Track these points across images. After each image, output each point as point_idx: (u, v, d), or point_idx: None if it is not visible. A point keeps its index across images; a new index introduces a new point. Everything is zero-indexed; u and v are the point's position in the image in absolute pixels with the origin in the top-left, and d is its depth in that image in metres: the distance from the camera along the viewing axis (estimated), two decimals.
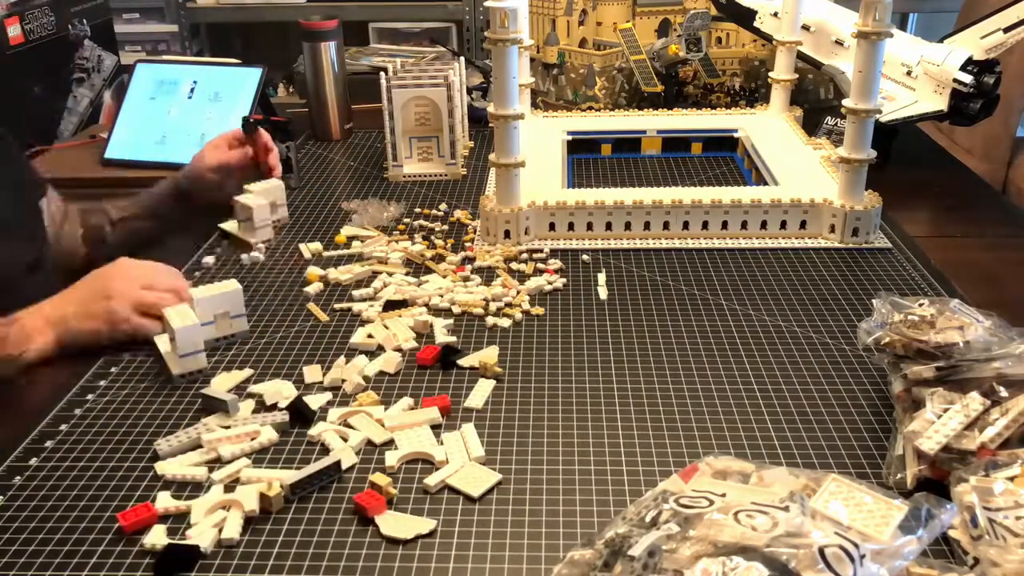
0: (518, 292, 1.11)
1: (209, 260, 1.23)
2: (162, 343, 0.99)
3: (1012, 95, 2.17)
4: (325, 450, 0.84)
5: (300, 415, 0.87)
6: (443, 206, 1.38)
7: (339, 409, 0.89)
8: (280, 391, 0.91)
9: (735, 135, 1.57)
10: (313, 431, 0.85)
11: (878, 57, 1.16)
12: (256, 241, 1.26)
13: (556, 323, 1.05)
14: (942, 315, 0.82)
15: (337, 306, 1.10)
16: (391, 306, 1.07)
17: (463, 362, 0.96)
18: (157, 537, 0.73)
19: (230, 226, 1.30)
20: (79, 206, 1.36)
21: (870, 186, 1.24)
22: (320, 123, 1.71)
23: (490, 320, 1.05)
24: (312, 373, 0.95)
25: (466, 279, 1.15)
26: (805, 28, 1.59)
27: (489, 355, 0.95)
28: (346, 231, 1.29)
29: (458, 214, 1.34)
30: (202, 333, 0.96)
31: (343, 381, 0.93)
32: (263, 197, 1.28)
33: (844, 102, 1.20)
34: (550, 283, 1.13)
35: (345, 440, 0.84)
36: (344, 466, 0.80)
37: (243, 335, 1.03)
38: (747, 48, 1.79)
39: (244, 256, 1.23)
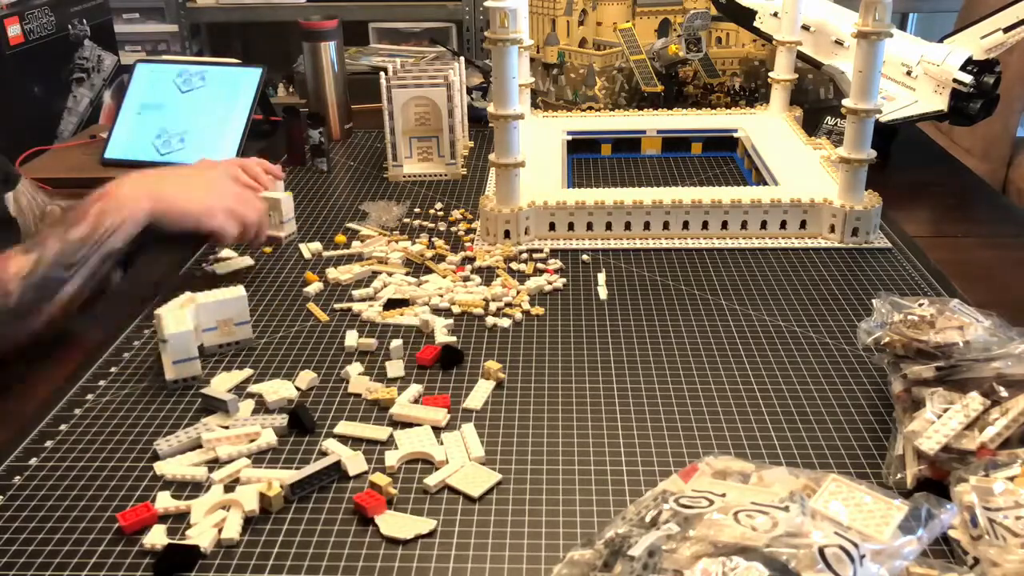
0: (518, 292, 1.11)
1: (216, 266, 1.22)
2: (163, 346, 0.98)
3: (1012, 95, 2.17)
4: (326, 450, 0.84)
5: (299, 423, 0.87)
6: (439, 205, 1.38)
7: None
8: (279, 391, 0.91)
9: (735, 135, 1.57)
10: (324, 444, 0.84)
11: (878, 57, 1.16)
12: (284, 236, 1.26)
13: (556, 323, 1.05)
14: (942, 315, 0.82)
15: (337, 306, 1.10)
16: (391, 305, 1.08)
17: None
18: (157, 537, 0.73)
19: None
20: (59, 204, 1.28)
21: (870, 186, 1.25)
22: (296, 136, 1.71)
23: (490, 320, 1.05)
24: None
25: (466, 279, 1.15)
26: (805, 28, 1.59)
27: (492, 363, 0.95)
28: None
29: (456, 214, 1.34)
30: (195, 340, 0.95)
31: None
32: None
33: (844, 102, 1.20)
34: (550, 283, 1.13)
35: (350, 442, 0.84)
36: (352, 473, 0.80)
37: (247, 343, 1.01)
38: (747, 48, 1.79)
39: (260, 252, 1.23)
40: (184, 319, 0.94)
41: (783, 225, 1.25)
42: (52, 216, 1.28)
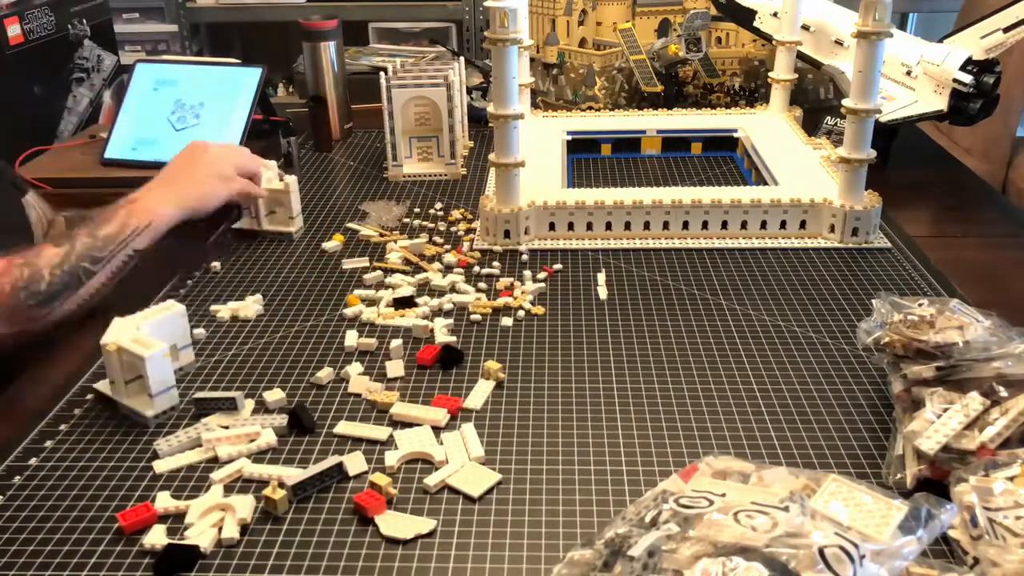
0: (520, 292, 1.11)
1: (216, 265, 1.22)
2: (105, 386, 0.90)
3: (1012, 95, 2.17)
4: (326, 450, 0.84)
5: (299, 423, 0.87)
6: (439, 205, 1.38)
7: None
8: (279, 391, 0.91)
9: (735, 135, 1.57)
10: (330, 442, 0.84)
11: (878, 57, 1.16)
12: (295, 231, 1.25)
13: (556, 323, 1.05)
14: (942, 315, 0.82)
15: (337, 305, 1.10)
16: (392, 305, 1.07)
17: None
18: (157, 537, 0.73)
19: (247, 223, 1.29)
20: (64, 215, 1.32)
21: (870, 186, 1.24)
22: (320, 123, 1.71)
23: (491, 320, 1.05)
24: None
25: (466, 279, 1.15)
26: (805, 28, 1.59)
27: (492, 363, 0.95)
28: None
29: (456, 214, 1.34)
30: (170, 365, 0.87)
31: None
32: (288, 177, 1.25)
33: (844, 102, 1.20)
34: (547, 282, 1.13)
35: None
36: (352, 473, 0.80)
37: (190, 367, 0.96)
38: (747, 48, 1.79)
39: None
40: (154, 341, 0.86)
41: (783, 225, 1.25)
42: (58, 225, 1.33)
